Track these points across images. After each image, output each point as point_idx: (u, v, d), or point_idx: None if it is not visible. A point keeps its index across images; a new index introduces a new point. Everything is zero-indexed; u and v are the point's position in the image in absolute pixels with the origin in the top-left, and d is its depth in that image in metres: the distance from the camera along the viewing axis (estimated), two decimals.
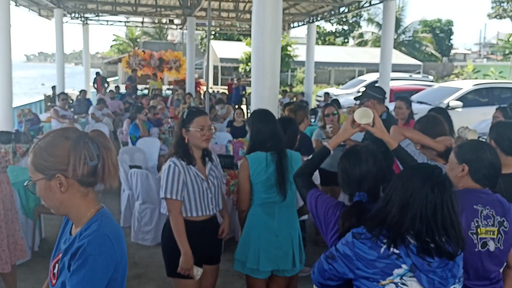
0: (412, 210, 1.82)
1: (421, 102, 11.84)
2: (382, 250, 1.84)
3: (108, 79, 24.06)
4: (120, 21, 18.97)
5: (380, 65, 11.44)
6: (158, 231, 5.73)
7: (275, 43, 4.74)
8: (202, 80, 20.55)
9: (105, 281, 1.57)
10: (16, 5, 13.40)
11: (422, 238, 1.81)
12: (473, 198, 2.34)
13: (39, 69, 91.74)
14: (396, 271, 1.83)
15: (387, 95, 11.70)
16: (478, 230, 2.30)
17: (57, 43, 14.24)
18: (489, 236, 2.30)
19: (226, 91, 19.13)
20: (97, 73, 18.15)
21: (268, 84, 4.73)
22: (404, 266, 1.82)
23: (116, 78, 28.54)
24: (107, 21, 18.89)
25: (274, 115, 3.52)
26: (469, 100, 11.54)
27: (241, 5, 16.66)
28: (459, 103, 11.17)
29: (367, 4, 13.23)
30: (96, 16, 18.16)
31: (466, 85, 12.01)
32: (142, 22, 20.37)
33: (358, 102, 5.67)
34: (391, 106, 11.80)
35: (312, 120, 10.29)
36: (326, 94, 14.68)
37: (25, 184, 1.70)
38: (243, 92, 16.93)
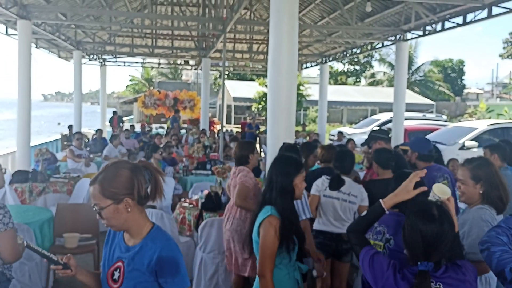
0: None
1: (436, 142, 11.78)
2: None
3: (124, 118, 24.48)
4: (137, 62, 19.42)
5: (394, 105, 11.48)
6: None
7: (291, 84, 4.81)
8: (216, 119, 20.79)
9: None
10: (36, 47, 13.82)
11: None
12: None
13: (56, 108, 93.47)
14: None
15: (402, 135, 11.73)
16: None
17: (75, 84, 14.58)
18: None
19: (240, 130, 19.27)
20: (114, 112, 18.46)
21: (284, 124, 4.76)
22: None
23: (131, 117, 28.95)
24: (124, 62, 19.38)
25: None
26: (484, 140, 11.45)
27: (255, 47, 17.01)
28: (475, 143, 11.09)
29: (380, 45, 13.40)
30: (114, 57, 18.65)
31: (481, 125, 11.96)
32: (159, 63, 20.80)
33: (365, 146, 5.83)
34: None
35: None
36: (340, 133, 14.67)
37: (94, 209, 2.03)
38: (257, 131, 17.04)
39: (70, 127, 15.12)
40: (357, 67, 45.86)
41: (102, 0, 12.01)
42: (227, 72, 37.28)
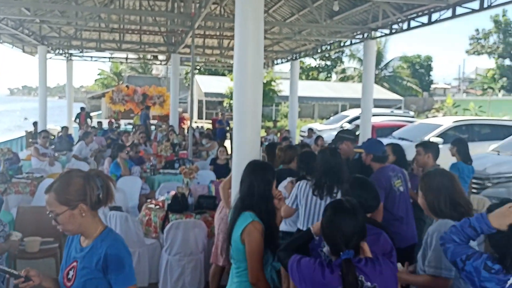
0: None
1: (402, 139, 11.97)
2: None
3: (92, 114, 23.98)
4: (104, 57, 19.06)
5: (362, 102, 11.61)
6: (136, 275, 5.58)
7: (257, 83, 4.77)
8: (186, 115, 20.56)
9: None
10: (0, 42, 13.39)
11: None
12: None
13: (23, 102, 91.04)
14: None
15: (370, 132, 11.87)
16: None
17: (40, 80, 14.19)
18: None
19: (211, 126, 19.15)
20: (82, 108, 18.04)
21: (250, 124, 4.73)
22: None
23: (100, 112, 28.40)
24: (91, 57, 18.97)
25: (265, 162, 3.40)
26: (450, 136, 11.70)
27: (225, 42, 16.90)
28: (440, 140, 11.29)
29: (348, 43, 13.51)
30: (81, 52, 18.24)
31: (446, 122, 12.20)
32: (127, 58, 20.44)
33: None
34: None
35: None
36: (310, 130, 14.75)
37: (50, 215, 2.19)
38: (227, 128, 16.96)
39: (35, 123, 14.74)
40: (328, 63, 46.20)
41: None
42: (198, 67, 37.00)
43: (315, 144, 10.07)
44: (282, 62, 18.89)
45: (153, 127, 17.00)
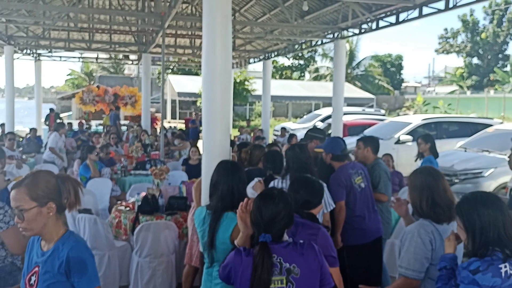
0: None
1: None
2: (503, 273, 2.24)
3: (62, 115, 23.53)
4: (74, 57, 18.71)
5: (333, 101, 11.71)
6: (106, 278, 5.52)
7: (226, 85, 4.75)
8: (159, 115, 20.25)
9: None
10: None
11: None
12: None
13: None
14: None
15: (341, 130, 11.99)
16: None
17: (7, 80, 13.84)
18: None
19: (184, 126, 19.02)
20: (51, 109, 17.72)
21: (219, 126, 4.71)
22: None
23: (70, 113, 27.88)
24: (61, 57, 18.60)
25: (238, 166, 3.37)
26: (419, 134, 11.92)
27: (197, 41, 16.82)
28: (409, 137, 11.51)
29: (319, 43, 13.63)
30: (49, 52, 17.86)
31: (415, 120, 12.44)
32: (97, 58, 20.10)
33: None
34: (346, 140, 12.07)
35: None
36: (283, 129, 14.81)
37: (15, 212, 2.17)
38: (200, 127, 16.87)
39: (2, 125, 14.35)
40: (302, 62, 46.47)
41: None
42: (171, 67, 36.68)
43: (288, 143, 10.12)
44: (254, 62, 18.92)
45: (124, 128, 16.78)
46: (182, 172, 8.39)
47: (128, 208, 6.02)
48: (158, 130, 14.54)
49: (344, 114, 15.31)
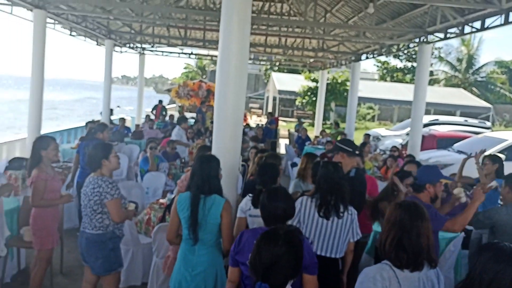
0: None
1: (461, 152, 11.10)
2: None
3: (168, 106, 24.82)
4: (174, 52, 19.59)
5: (413, 109, 11.01)
6: (130, 272, 5.67)
7: (239, 92, 4.62)
8: (258, 111, 20.50)
9: None
10: (71, 35, 14.25)
11: None
12: None
13: (119, 91, 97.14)
14: None
15: (419, 141, 11.07)
16: None
17: (106, 71, 14.98)
18: None
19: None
20: (160, 101, 18.69)
21: (228, 133, 4.59)
22: None
23: (174, 105, 29.46)
24: (162, 52, 19.63)
25: (217, 161, 3.80)
26: None
27: (306, 42, 16.73)
28: (501, 156, 10.28)
29: (405, 46, 12.80)
30: (152, 46, 18.93)
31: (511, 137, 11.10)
32: (191, 54, 20.83)
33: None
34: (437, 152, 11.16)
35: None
36: (367, 135, 14.07)
37: None
38: (274, 126, 16.67)
39: (101, 113, 15.53)
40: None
41: None
42: (276, 64, 36.91)
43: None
44: (345, 64, 18.29)
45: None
46: None
47: (160, 206, 6.11)
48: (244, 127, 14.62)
49: (440, 123, 14.21)
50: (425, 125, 16.29)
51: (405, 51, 32.86)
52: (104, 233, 4.15)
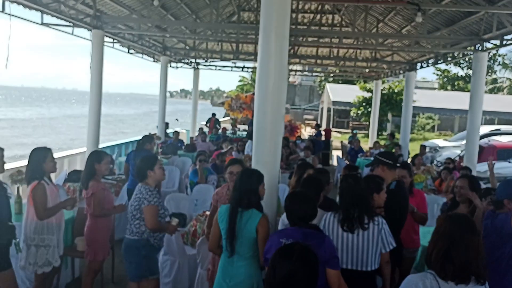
0: None
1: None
2: None
3: (221, 119, 25.28)
4: (227, 66, 19.98)
5: (469, 119, 10.59)
6: (176, 283, 5.81)
7: (278, 107, 4.65)
8: (312, 123, 20.41)
9: None
10: (129, 52, 14.92)
11: None
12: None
13: (177, 105, 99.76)
14: None
15: (476, 152, 10.60)
16: None
17: (161, 86, 15.54)
18: None
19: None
20: (213, 114, 19.11)
21: (267, 148, 4.63)
22: None
23: (228, 118, 29.92)
24: (216, 66, 20.05)
25: (259, 175, 3.88)
26: None
27: (359, 52, 16.62)
28: None
29: (461, 55, 12.36)
30: (206, 61, 19.41)
31: None
32: (243, 67, 21.08)
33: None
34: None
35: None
36: (423, 146, 13.60)
37: None
38: (320, 138, 16.47)
39: (157, 127, 16.01)
40: None
41: (188, 9, 12.62)
42: (332, 75, 36.64)
43: (411, 165, 9.31)
44: (400, 73, 17.88)
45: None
46: (283, 185, 8.31)
47: (206, 218, 6.22)
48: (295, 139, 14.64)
49: (502, 134, 13.65)
50: (486, 135, 15.62)
51: (466, 59, 31.80)
52: (139, 239, 4.34)
